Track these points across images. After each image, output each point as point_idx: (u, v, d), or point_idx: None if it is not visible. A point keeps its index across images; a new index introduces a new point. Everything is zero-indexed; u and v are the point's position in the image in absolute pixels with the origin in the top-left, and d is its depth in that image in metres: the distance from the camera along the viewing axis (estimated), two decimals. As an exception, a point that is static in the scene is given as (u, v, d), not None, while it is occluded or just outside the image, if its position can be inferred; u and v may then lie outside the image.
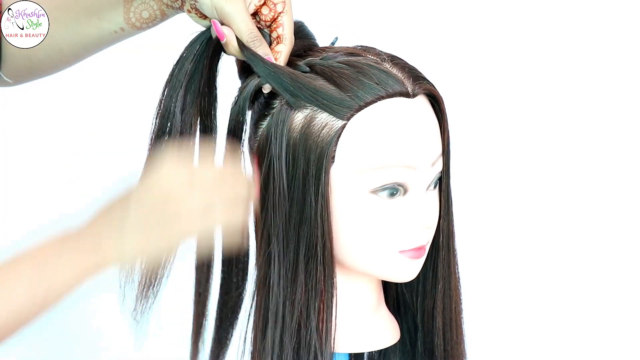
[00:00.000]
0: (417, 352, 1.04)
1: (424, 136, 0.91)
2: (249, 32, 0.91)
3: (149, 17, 1.00)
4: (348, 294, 0.97)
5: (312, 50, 0.96)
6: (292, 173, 0.91)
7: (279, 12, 0.93)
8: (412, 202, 0.92)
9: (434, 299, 1.01)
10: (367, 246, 0.92)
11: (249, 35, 0.91)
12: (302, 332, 0.93)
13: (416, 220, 0.92)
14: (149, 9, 0.99)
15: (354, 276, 0.97)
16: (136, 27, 1.01)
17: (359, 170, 0.90)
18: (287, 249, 0.92)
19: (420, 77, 0.93)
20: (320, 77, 0.91)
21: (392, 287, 1.05)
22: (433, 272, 1.00)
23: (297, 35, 0.96)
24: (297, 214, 0.91)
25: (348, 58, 0.92)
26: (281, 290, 0.93)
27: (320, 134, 0.90)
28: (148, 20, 1.00)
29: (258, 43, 0.91)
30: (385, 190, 0.90)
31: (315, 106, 0.90)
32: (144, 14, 1.00)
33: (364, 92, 0.89)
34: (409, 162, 0.90)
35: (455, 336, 1.02)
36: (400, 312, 1.05)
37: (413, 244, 0.93)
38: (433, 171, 0.93)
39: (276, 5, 0.93)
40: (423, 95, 0.93)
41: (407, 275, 0.95)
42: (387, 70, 0.91)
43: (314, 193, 0.90)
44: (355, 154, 0.90)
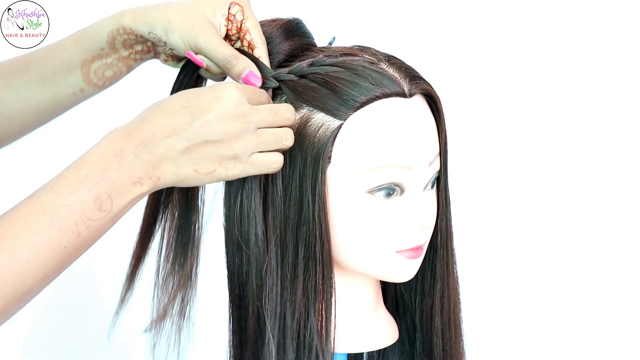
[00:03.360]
0: (416, 352, 1.04)
1: (421, 136, 0.91)
2: (222, 58, 0.91)
3: (114, 75, 0.98)
4: (346, 294, 0.97)
5: (309, 50, 0.96)
6: (289, 173, 0.91)
7: (240, 21, 0.94)
8: (409, 202, 0.92)
9: (433, 299, 1.01)
10: (364, 246, 0.92)
11: (222, 61, 0.91)
12: (303, 333, 0.93)
13: (413, 220, 0.92)
14: (113, 67, 0.98)
15: (352, 277, 0.97)
16: (99, 86, 0.99)
17: (355, 171, 0.90)
18: (285, 249, 0.92)
19: (417, 77, 0.93)
20: (313, 83, 0.91)
21: (390, 287, 1.05)
22: (431, 272, 1.00)
23: (294, 34, 0.96)
24: (295, 214, 0.91)
25: (341, 59, 0.92)
26: (281, 291, 0.93)
27: (316, 135, 0.90)
28: (113, 77, 0.99)
29: (234, 61, 0.91)
30: (382, 191, 0.90)
31: (312, 107, 0.90)
32: (107, 73, 0.98)
33: (359, 93, 0.89)
34: (405, 162, 0.90)
35: (453, 336, 1.02)
36: (399, 312, 1.05)
37: (410, 244, 0.93)
38: (430, 171, 0.93)
39: (235, 16, 0.94)
40: (420, 95, 0.93)
41: (405, 275, 0.95)
42: (383, 71, 0.91)
43: (310, 194, 0.90)
44: (352, 154, 0.90)
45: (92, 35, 0.95)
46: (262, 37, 0.94)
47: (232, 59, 0.91)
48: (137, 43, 0.96)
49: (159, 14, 0.92)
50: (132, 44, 0.96)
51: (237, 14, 0.93)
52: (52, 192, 0.81)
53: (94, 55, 0.96)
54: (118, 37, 0.94)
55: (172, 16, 0.92)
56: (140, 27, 0.93)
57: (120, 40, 0.95)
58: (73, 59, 0.97)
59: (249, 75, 0.91)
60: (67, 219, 0.80)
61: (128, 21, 0.93)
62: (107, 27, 0.94)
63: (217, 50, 0.91)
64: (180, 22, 0.92)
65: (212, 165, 0.87)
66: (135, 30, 0.94)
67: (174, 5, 0.93)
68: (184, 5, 0.93)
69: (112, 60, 0.97)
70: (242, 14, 0.93)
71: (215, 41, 0.92)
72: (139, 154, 0.84)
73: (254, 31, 0.93)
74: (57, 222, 0.80)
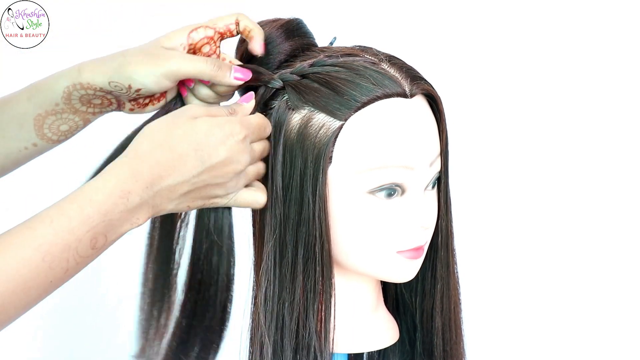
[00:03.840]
0: (417, 352, 1.04)
1: (422, 136, 0.91)
2: (206, 66, 0.91)
3: (69, 129, 0.95)
4: (347, 294, 0.97)
5: (310, 50, 0.96)
6: (290, 173, 0.91)
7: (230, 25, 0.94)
8: (410, 202, 0.92)
9: (433, 299, 1.01)
10: (365, 246, 0.92)
11: (208, 68, 0.91)
12: (301, 333, 0.93)
13: (414, 221, 0.92)
14: (69, 122, 0.94)
15: (353, 277, 0.97)
16: (53, 140, 0.95)
17: (356, 171, 0.90)
18: (285, 249, 0.92)
19: (418, 77, 0.92)
20: (315, 83, 0.91)
21: (391, 287, 1.05)
22: (432, 272, 1.00)
23: (295, 34, 0.96)
24: (295, 214, 0.91)
25: (343, 59, 0.92)
26: (280, 291, 0.93)
27: (317, 135, 0.90)
28: (68, 132, 0.95)
29: (219, 64, 0.91)
30: (382, 191, 0.90)
31: (313, 107, 0.90)
32: (62, 128, 0.95)
33: (360, 93, 0.89)
34: (406, 163, 0.90)
35: (454, 336, 1.02)
36: (399, 312, 1.05)
37: (411, 244, 0.93)
38: (431, 171, 0.93)
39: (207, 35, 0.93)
40: (421, 96, 0.93)
41: (406, 275, 0.95)
42: (384, 71, 0.91)
43: (311, 194, 0.90)
44: (353, 154, 0.89)
45: (46, 90, 0.92)
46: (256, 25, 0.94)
47: (216, 62, 0.91)
48: (96, 97, 0.93)
49: (117, 62, 0.90)
50: (89, 99, 0.93)
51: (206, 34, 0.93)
52: (50, 227, 0.79)
53: (48, 111, 0.93)
54: (75, 92, 0.92)
55: (130, 58, 0.90)
56: (99, 79, 0.90)
57: (77, 96, 0.92)
58: (26, 114, 0.93)
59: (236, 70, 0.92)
60: (60, 256, 0.79)
61: (86, 75, 0.91)
62: (62, 83, 0.91)
63: (195, 65, 0.90)
64: (143, 59, 0.90)
65: (203, 202, 0.89)
66: (93, 85, 0.91)
67: (130, 49, 0.92)
68: (140, 46, 0.92)
69: (68, 115, 0.94)
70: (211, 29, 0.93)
71: (186, 59, 0.91)
72: (144, 197, 0.84)
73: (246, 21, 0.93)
74: (49, 260, 0.79)
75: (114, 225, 0.82)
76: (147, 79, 0.90)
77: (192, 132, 0.86)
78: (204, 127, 0.86)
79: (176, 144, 0.85)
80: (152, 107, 0.96)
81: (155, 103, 0.95)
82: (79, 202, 0.81)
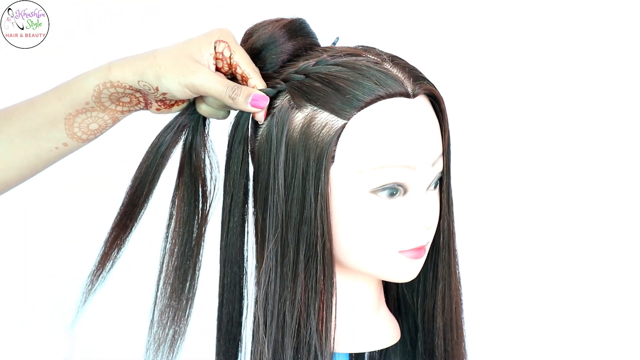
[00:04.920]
0: (418, 353, 1.04)
1: (424, 136, 0.91)
2: (225, 91, 0.92)
3: (99, 128, 0.97)
4: (348, 294, 0.97)
5: (313, 50, 0.96)
6: (292, 172, 0.91)
7: (228, 57, 0.94)
8: (412, 202, 0.92)
9: (435, 300, 1.01)
10: (366, 246, 0.92)
11: (226, 94, 0.92)
12: (302, 332, 0.93)
13: (416, 220, 0.92)
14: (98, 120, 0.96)
15: (355, 276, 0.97)
16: (82, 139, 0.97)
17: (358, 170, 0.90)
18: (287, 248, 0.92)
19: (420, 77, 0.92)
20: (317, 82, 0.91)
21: (392, 287, 1.05)
22: (433, 272, 1.00)
23: (298, 34, 0.96)
24: (297, 213, 0.91)
25: (345, 59, 0.92)
26: (281, 290, 0.93)
27: (320, 134, 0.90)
28: (97, 130, 0.97)
29: (238, 91, 0.92)
30: (385, 190, 0.90)
31: (316, 106, 0.90)
32: (92, 126, 0.96)
33: (363, 93, 0.89)
34: (408, 162, 0.90)
35: (455, 336, 1.02)
36: (400, 312, 1.05)
37: (413, 244, 0.93)
38: (433, 171, 0.93)
39: (223, 53, 0.94)
40: (423, 96, 0.93)
41: (407, 275, 0.95)
42: (387, 71, 0.91)
43: (313, 193, 0.90)
44: (355, 153, 0.89)
45: (77, 90, 0.94)
46: (252, 67, 0.94)
47: (236, 89, 0.92)
48: (125, 96, 0.94)
49: (147, 62, 0.92)
50: (119, 97, 0.94)
51: (224, 51, 0.94)
52: None
53: (78, 110, 0.94)
54: (105, 90, 0.93)
55: (161, 61, 0.92)
56: (129, 78, 0.92)
57: (106, 94, 0.93)
58: (57, 114, 0.95)
59: (255, 99, 0.92)
60: None
61: (116, 74, 0.92)
62: (92, 82, 0.93)
63: (215, 86, 0.92)
64: (172, 66, 0.92)
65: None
66: (123, 83, 0.93)
67: (161, 51, 0.93)
68: (171, 49, 0.93)
69: (98, 113, 0.95)
70: (228, 50, 0.94)
71: (210, 78, 0.92)
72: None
73: (243, 63, 0.94)
74: None
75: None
76: (172, 86, 0.92)
77: None
78: None
79: None
80: (177, 107, 0.97)
81: (180, 104, 0.97)
82: None
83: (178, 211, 0.98)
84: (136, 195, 0.98)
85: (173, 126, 0.97)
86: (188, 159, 0.97)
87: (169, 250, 0.98)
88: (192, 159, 0.97)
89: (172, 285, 0.98)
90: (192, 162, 0.97)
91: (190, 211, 0.98)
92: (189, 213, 0.98)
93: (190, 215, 0.98)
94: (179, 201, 0.98)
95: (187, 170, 0.97)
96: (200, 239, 0.98)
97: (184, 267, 0.98)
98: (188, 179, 0.98)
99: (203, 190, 0.98)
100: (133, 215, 0.98)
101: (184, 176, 0.98)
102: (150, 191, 0.98)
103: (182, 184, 0.98)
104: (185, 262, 0.98)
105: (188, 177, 0.98)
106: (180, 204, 0.98)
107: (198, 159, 0.97)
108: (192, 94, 0.93)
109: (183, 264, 0.98)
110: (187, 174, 0.98)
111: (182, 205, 0.98)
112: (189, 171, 0.97)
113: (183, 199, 0.98)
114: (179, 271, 0.98)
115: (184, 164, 0.98)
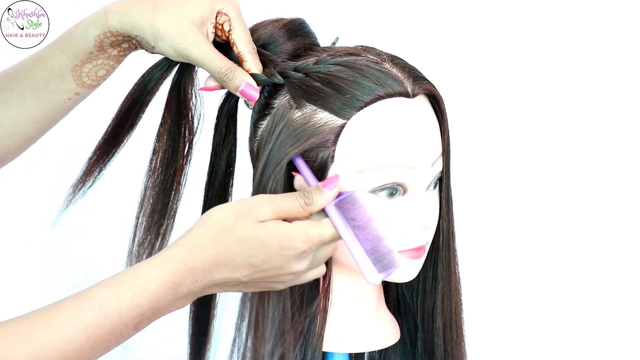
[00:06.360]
0: (417, 353, 1.04)
1: (424, 136, 0.91)
2: (219, 70, 0.92)
3: (107, 73, 0.98)
4: (348, 294, 0.97)
5: (313, 50, 0.96)
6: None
7: (227, 31, 0.94)
8: (411, 202, 0.92)
9: (434, 300, 1.01)
10: (366, 246, 0.92)
11: (219, 73, 0.92)
12: (299, 331, 0.93)
13: (416, 220, 0.92)
14: (105, 66, 0.97)
15: (354, 276, 0.97)
16: (93, 86, 0.98)
17: (358, 170, 0.90)
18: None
19: (420, 77, 0.93)
20: (317, 82, 0.91)
21: (392, 287, 1.05)
22: (433, 272, 1.00)
23: (297, 34, 0.96)
24: (297, 213, 0.91)
25: (345, 59, 0.92)
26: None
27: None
28: (105, 75, 0.98)
29: (231, 74, 0.92)
30: (384, 190, 0.90)
31: (315, 105, 0.90)
32: (99, 73, 0.97)
33: (362, 93, 0.89)
34: (408, 162, 0.90)
35: (455, 336, 1.02)
36: (400, 312, 1.05)
37: (412, 244, 0.93)
38: (433, 171, 0.93)
39: (223, 25, 0.94)
40: (423, 95, 0.93)
41: (407, 275, 0.95)
42: (387, 71, 0.91)
43: (313, 193, 0.90)
44: (355, 153, 0.89)
45: (79, 42, 0.95)
46: (249, 47, 0.94)
47: (229, 72, 0.92)
48: (124, 42, 0.95)
49: (146, 19, 0.92)
50: (119, 43, 0.95)
51: (224, 24, 0.93)
52: (99, 310, 0.81)
53: (84, 60, 0.95)
54: (105, 40, 0.94)
55: (160, 23, 0.91)
56: (127, 29, 0.93)
57: (108, 43, 0.94)
58: (63, 67, 0.96)
59: (245, 88, 0.92)
60: (104, 338, 0.81)
61: (114, 24, 0.93)
62: (92, 32, 0.93)
63: (212, 62, 0.91)
64: (171, 32, 0.91)
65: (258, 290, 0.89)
66: (122, 32, 0.93)
67: (161, 8, 0.92)
68: (172, 10, 0.92)
69: (102, 60, 0.96)
70: (229, 24, 0.93)
71: (209, 53, 0.92)
72: (193, 288, 0.85)
73: (241, 43, 0.93)
74: (92, 341, 0.81)
75: (159, 311, 0.84)
76: (168, 51, 0.93)
77: (250, 239, 0.84)
78: (264, 235, 0.84)
79: (231, 247, 0.84)
80: None
81: None
82: (131, 288, 0.82)
83: (161, 145, 0.99)
84: (120, 124, 0.99)
85: (163, 65, 0.98)
86: (175, 95, 0.98)
87: (150, 184, 0.99)
88: (180, 95, 0.98)
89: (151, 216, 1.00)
90: (179, 99, 0.98)
91: (175, 146, 0.99)
92: (173, 148, 0.99)
93: (175, 149, 0.99)
94: (164, 135, 0.99)
95: (174, 106, 0.98)
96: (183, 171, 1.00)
97: (162, 201, 1.00)
98: (175, 114, 0.98)
99: (189, 126, 0.99)
100: (116, 142, 1.00)
101: (170, 111, 0.98)
102: (135, 123, 1.00)
103: (168, 118, 0.99)
104: (165, 197, 1.00)
105: (175, 113, 0.98)
106: (164, 139, 0.99)
107: (185, 96, 0.98)
108: (187, 61, 0.93)
109: (162, 199, 1.00)
110: (174, 110, 0.98)
111: (167, 139, 0.99)
112: (176, 107, 0.98)
113: (169, 133, 0.99)
114: (158, 204, 1.00)
115: (171, 99, 0.98)
